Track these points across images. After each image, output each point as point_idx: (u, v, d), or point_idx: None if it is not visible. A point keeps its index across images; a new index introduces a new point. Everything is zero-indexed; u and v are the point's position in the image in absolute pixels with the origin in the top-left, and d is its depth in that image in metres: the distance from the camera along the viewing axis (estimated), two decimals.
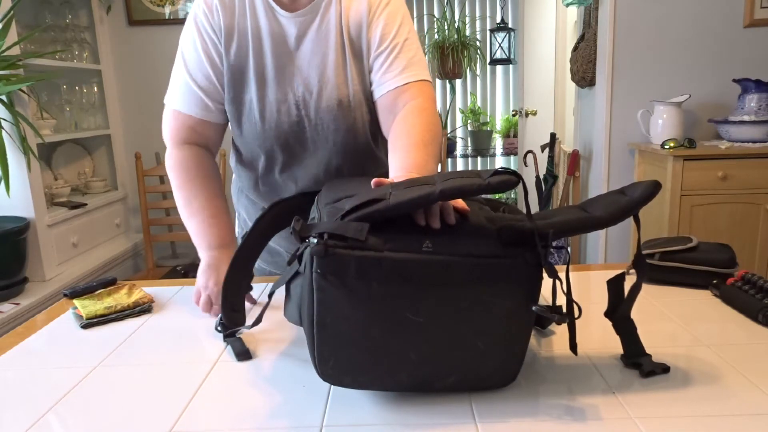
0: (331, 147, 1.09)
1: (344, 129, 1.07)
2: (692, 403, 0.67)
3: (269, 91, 1.05)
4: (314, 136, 1.08)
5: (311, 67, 1.05)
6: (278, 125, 1.06)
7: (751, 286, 0.94)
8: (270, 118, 1.06)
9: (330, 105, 1.05)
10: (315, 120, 1.06)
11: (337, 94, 1.05)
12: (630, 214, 0.70)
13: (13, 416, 0.70)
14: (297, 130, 1.07)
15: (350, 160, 1.12)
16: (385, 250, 0.64)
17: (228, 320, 0.89)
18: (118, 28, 2.92)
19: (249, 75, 1.05)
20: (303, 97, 1.05)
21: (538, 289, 0.67)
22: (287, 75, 1.05)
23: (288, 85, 1.05)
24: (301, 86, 1.05)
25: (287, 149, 1.10)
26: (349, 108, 1.06)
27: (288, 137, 1.08)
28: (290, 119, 1.06)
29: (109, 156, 3.00)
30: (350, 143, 1.10)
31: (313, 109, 1.06)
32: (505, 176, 0.65)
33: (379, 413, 0.68)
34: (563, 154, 3.64)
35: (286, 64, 1.05)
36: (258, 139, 1.09)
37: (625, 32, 2.75)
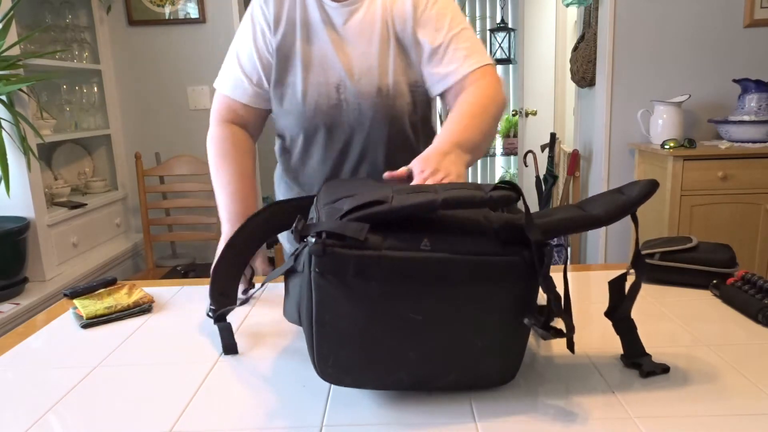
0: (368, 133, 1.12)
1: (382, 116, 1.11)
2: (692, 403, 0.67)
3: (312, 74, 1.10)
4: (352, 121, 1.12)
5: (354, 55, 1.10)
6: (318, 107, 1.11)
7: (751, 286, 0.94)
8: (310, 100, 1.10)
9: (369, 91, 1.09)
10: (353, 104, 1.10)
11: (377, 81, 1.09)
12: (628, 212, 0.70)
13: (13, 416, 0.70)
14: (335, 113, 1.11)
15: (387, 149, 1.14)
16: (383, 249, 0.64)
17: (216, 303, 0.91)
18: (118, 28, 2.92)
19: (294, 59, 1.11)
20: (343, 82, 1.10)
21: (537, 287, 0.67)
22: (330, 60, 1.10)
23: (330, 70, 1.10)
24: (343, 71, 1.10)
25: (325, 133, 1.13)
26: (388, 96, 1.10)
27: (326, 120, 1.12)
28: (329, 102, 1.10)
29: (109, 156, 3.00)
30: (388, 132, 1.13)
31: (352, 94, 1.10)
32: (506, 192, 0.66)
33: (379, 413, 0.68)
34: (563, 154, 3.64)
35: (330, 51, 1.10)
36: (298, 120, 1.13)
37: (625, 32, 2.75)
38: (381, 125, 1.11)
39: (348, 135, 1.13)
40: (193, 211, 2.96)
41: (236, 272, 0.96)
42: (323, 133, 1.14)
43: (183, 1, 2.87)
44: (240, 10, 2.90)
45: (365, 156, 1.14)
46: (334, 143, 1.14)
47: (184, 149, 3.03)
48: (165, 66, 2.95)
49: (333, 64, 1.10)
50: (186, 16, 2.89)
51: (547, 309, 0.67)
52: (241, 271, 0.97)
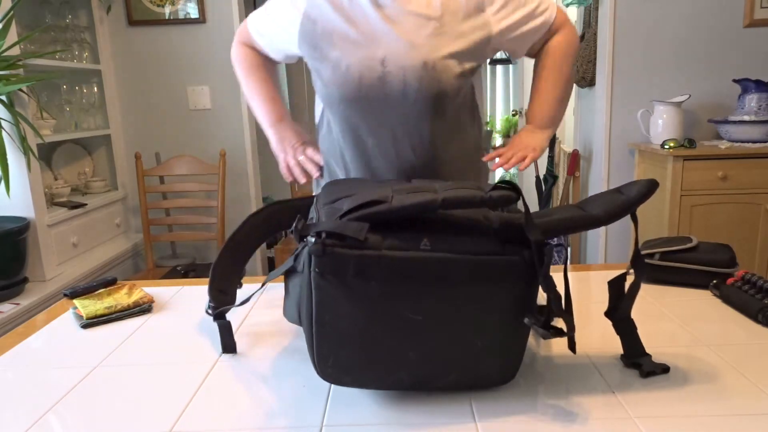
0: (412, 106, 1.11)
1: (427, 89, 1.09)
2: (692, 403, 0.67)
3: (356, 49, 1.10)
4: (396, 93, 1.10)
5: (401, 30, 1.09)
6: (361, 77, 1.09)
7: (750, 286, 0.94)
8: (355, 70, 1.09)
9: (414, 64, 1.08)
10: (398, 76, 1.09)
11: (422, 56, 1.08)
12: (627, 212, 0.70)
13: (13, 416, 0.70)
14: (379, 85, 1.09)
15: (431, 123, 1.13)
16: (383, 249, 0.64)
17: (215, 300, 0.91)
18: (118, 28, 2.92)
19: (336, 37, 1.11)
20: (388, 57, 1.09)
21: (537, 287, 0.67)
22: (376, 36, 1.10)
23: (375, 45, 1.10)
24: (389, 46, 1.09)
25: (368, 104, 1.12)
26: (434, 69, 1.09)
27: (371, 92, 1.10)
28: (373, 73, 1.09)
29: (109, 156, 3.00)
30: (433, 105, 1.12)
31: (396, 66, 1.09)
32: (506, 192, 0.67)
33: (379, 413, 0.68)
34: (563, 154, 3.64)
35: (377, 25, 1.10)
36: (341, 94, 1.12)
37: (625, 32, 2.75)
38: (426, 98, 1.10)
39: (392, 110, 1.12)
40: (193, 211, 2.96)
41: (235, 270, 0.96)
42: (366, 106, 1.12)
43: (183, 1, 2.87)
44: (240, 10, 2.90)
45: (409, 129, 1.13)
46: (377, 118, 1.13)
47: (184, 149, 3.04)
48: (165, 66, 2.95)
49: (378, 38, 1.10)
50: (186, 16, 2.88)
51: (547, 309, 0.67)
52: (241, 269, 0.98)
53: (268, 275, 0.75)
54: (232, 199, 3.06)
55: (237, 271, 0.97)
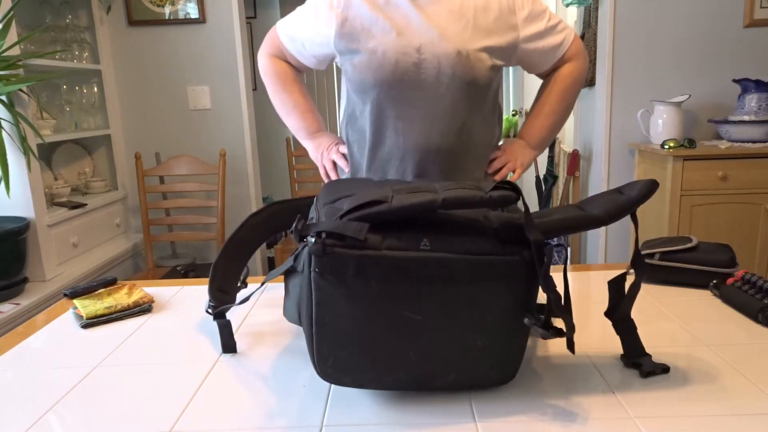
0: (444, 95, 1.14)
1: (461, 77, 1.13)
2: (692, 403, 0.67)
3: (393, 38, 1.12)
4: (431, 79, 1.13)
5: (437, 22, 1.13)
6: (397, 62, 1.12)
7: (750, 286, 0.94)
8: (392, 56, 1.12)
9: (448, 53, 1.12)
10: (433, 63, 1.12)
11: (456, 45, 1.12)
12: (627, 212, 0.70)
13: (13, 416, 0.70)
14: (414, 70, 1.12)
15: (464, 113, 1.16)
16: (383, 249, 0.64)
17: (215, 299, 0.91)
18: (118, 28, 2.92)
19: (373, 28, 1.14)
20: (424, 44, 1.12)
21: (536, 287, 0.67)
22: (413, 26, 1.13)
23: (411, 35, 1.13)
24: (424, 36, 1.12)
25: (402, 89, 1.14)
26: (468, 58, 1.12)
27: (406, 76, 1.13)
28: (409, 59, 1.12)
29: (109, 156, 3.00)
30: (467, 94, 1.15)
31: (431, 54, 1.12)
32: (506, 192, 0.67)
33: (379, 413, 0.68)
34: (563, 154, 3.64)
35: (413, 17, 1.13)
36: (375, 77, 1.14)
37: (625, 32, 2.75)
38: (459, 85, 1.14)
39: (425, 96, 1.14)
40: (193, 211, 2.96)
41: (236, 269, 0.96)
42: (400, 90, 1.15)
43: (183, 1, 2.87)
44: (240, 10, 2.90)
45: (440, 114, 1.15)
46: (409, 103, 1.15)
47: (184, 149, 3.04)
48: (165, 66, 2.95)
49: (414, 29, 1.13)
50: (186, 16, 2.88)
51: (547, 309, 0.67)
52: (241, 269, 0.98)
53: (268, 275, 0.75)
54: (232, 199, 3.06)
55: (237, 271, 0.97)
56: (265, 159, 4.50)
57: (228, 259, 0.95)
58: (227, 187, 3.03)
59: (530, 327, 0.67)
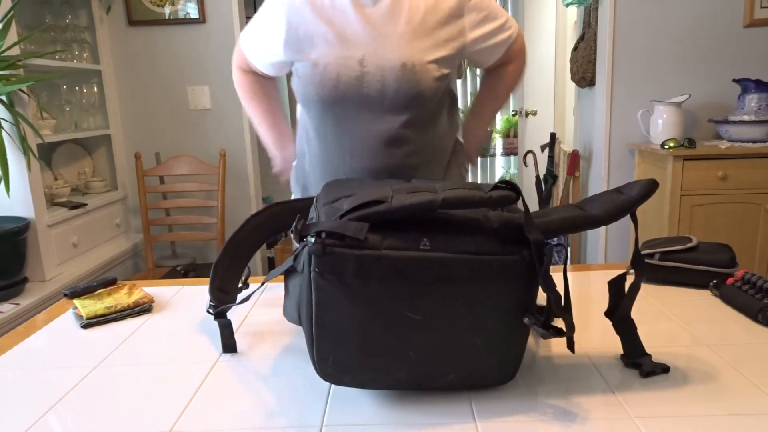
0: (389, 107, 1.11)
1: (406, 91, 1.10)
2: (692, 403, 0.67)
3: (336, 50, 1.10)
4: (374, 95, 1.10)
5: (380, 32, 1.10)
6: (339, 76, 1.09)
7: (750, 286, 0.94)
8: (333, 69, 1.09)
9: (393, 65, 1.09)
10: (377, 76, 1.09)
11: (400, 57, 1.09)
12: (627, 212, 0.70)
13: (13, 416, 0.70)
14: (356, 83, 1.10)
15: (408, 125, 1.13)
16: (383, 249, 0.64)
17: (215, 299, 0.91)
18: (118, 28, 2.92)
19: (321, 40, 1.11)
20: (367, 57, 1.10)
21: (536, 287, 0.67)
22: (356, 37, 1.10)
23: (354, 46, 1.10)
24: (368, 47, 1.10)
25: (344, 104, 1.12)
26: (413, 71, 1.09)
27: (347, 89, 1.10)
28: (351, 72, 1.09)
29: (109, 156, 3.00)
30: (412, 109, 1.12)
31: (375, 66, 1.09)
32: (506, 192, 0.67)
33: (379, 412, 0.68)
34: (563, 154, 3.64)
35: (357, 27, 1.11)
36: (318, 92, 1.12)
37: (625, 32, 2.75)
38: (404, 100, 1.11)
39: (368, 111, 1.12)
40: (193, 211, 2.96)
41: (236, 270, 0.96)
42: (342, 105, 1.12)
43: (183, 1, 2.87)
44: (240, 10, 2.90)
45: (385, 130, 1.13)
46: (353, 118, 1.13)
47: (184, 149, 3.04)
48: (165, 66, 2.95)
49: (358, 40, 1.10)
50: (186, 16, 2.88)
51: (546, 308, 0.67)
52: (242, 269, 0.98)
53: (268, 275, 0.75)
54: (232, 199, 3.06)
55: (238, 271, 0.97)
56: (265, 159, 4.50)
57: (228, 259, 0.95)
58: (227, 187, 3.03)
59: (530, 327, 0.67)
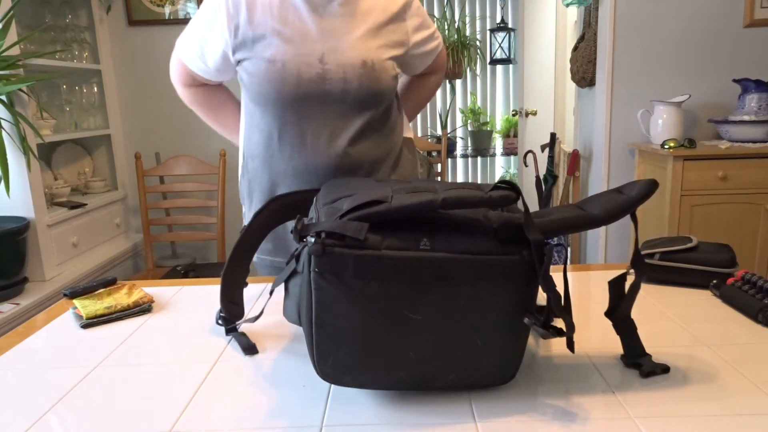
0: (351, 104, 1.12)
1: (368, 88, 1.11)
2: (692, 403, 0.67)
3: (293, 47, 1.09)
4: (336, 91, 1.11)
5: (337, 31, 1.11)
6: (300, 75, 1.09)
7: (750, 286, 0.94)
8: (293, 67, 1.09)
9: (353, 63, 1.10)
10: (338, 73, 1.10)
11: (360, 55, 1.11)
12: (627, 212, 0.70)
13: (13, 416, 0.70)
14: (318, 81, 1.10)
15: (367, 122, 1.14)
16: (383, 249, 0.64)
17: (228, 313, 0.90)
18: (118, 28, 2.92)
19: (271, 37, 1.10)
20: (327, 55, 1.10)
21: (536, 287, 0.67)
22: (312, 36, 1.10)
23: (311, 45, 1.10)
24: (326, 45, 1.10)
25: (306, 102, 1.11)
26: (374, 68, 1.11)
27: (308, 87, 1.10)
28: (311, 69, 1.09)
29: (109, 156, 3.00)
30: (372, 105, 1.14)
31: (336, 64, 1.10)
32: (506, 192, 0.67)
33: (379, 413, 0.68)
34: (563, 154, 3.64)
35: (312, 27, 1.11)
36: (277, 89, 1.10)
37: (625, 32, 2.75)
38: (365, 96, 1.12)
39: (331, 107, 1.12)
40: (193, 211, 2.96)
41: (241, 276, 0.95)
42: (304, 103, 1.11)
43: (183, 1, 2.87)
44: None
45: (346, 128, 1.13)
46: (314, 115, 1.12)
47: (184, 149, 3.04)
48: (165, 66, 2.95)
49: (314, 39, 1.10)
50: (186, 16, 2.88)
51: (546, 308, 0.67)
52: (246, 273, 0.96)
53: (274, 282, 0.75)
54: (232, 199, 3.06)
55: (243, 276, 0.96)
56: None
57: (235, 268, 0.93)
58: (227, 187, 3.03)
59: (530, 327, 0.67)
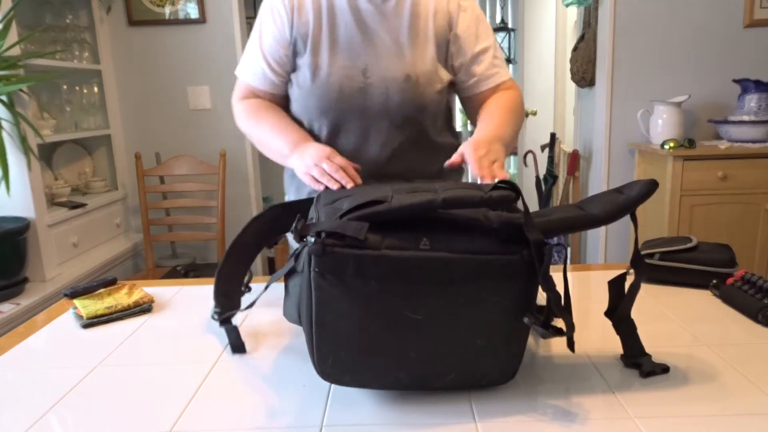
0: (392, 119, 1.10)
1: (409, 103, 1.09)
2: (692, 403, 0.67)
3: (338, 57, 1.08)
4: (377, 106, 1.09)
5: (381, 41, 1.09)
6: (342, 89, 1.08)
7: (750, 286, 0.94)
8: (335, 81, 1.08)
9: (396, 77, 1.08)
10: (380, 88, 1.08)
11: (405, 68, 1.08)
12: (627, 212, 0.70)
13: (13, 416, 0.70)
14: (360, 96, 1.08)
15: (409, 138, 1.11)
16: (382, 248, 0.64)
17: (221, 306, 0.90)
18: (118, 28, 2.91)
19: (319, 43, 1.09)
20: (370, 67, 1.08)
21: (536, 286, 0.67)
22: (357, 45, 1.09)
23: (357, 54, 1.09)
24: (371, 56, 1.08)
25: (348, 116, 1.10)
26: (417, 83, 1.08)
27: (351, 103, 1.09)
28: (354, 84, 1.08)
29: (109, 156, 2.99)
30: (414, 121, 1.11)
31: (378, 78, 1.08)
32: (505, 192, 0.67)
33: (379, 413, 0.68)
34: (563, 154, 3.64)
35: (357, 35, 1.09)
36: (321, 103, 1.10)
37: (625, 32, 2.75)
38: (408, 113, 1.09)
39: (372, 121, 1.10)
40: (193, 211, 2.96)
41: (239, 274, 0.96)
42: (346, 117, 1.11)
43: (183, 1, 2.87)
44: (240, 10, 2.90)
45: (386, 143, 1.11)
46: (355, 128, 1.11)
47: (184, 149, 3.03)
48: (165, 66, 2.95)
49: (359, 49, 1.08)
50: (186, 16, 2.88)
51: (546, 308, 0.67)
52: (244, 273, 0.97)
53: (271, 278, 0.75)
54: (232, 199, 3.06)
55: (240, 275, 0.96)
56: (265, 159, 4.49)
57: (231, 265, 0.94)
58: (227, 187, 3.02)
59: (530, 326, 0.67)
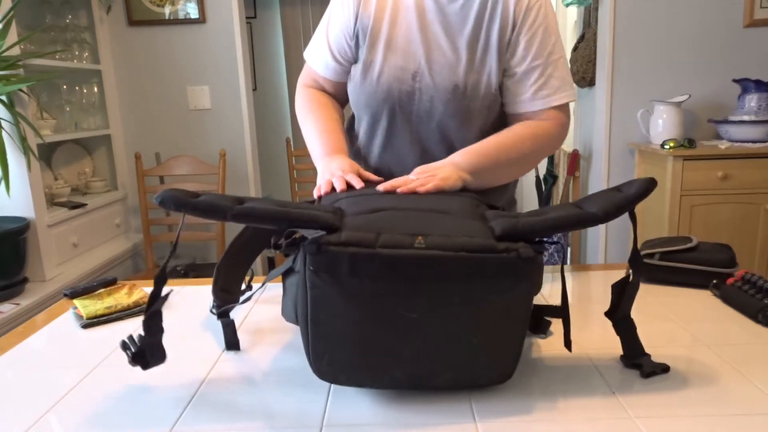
0: (435, 129, 1.09)
1: (453, 114, 1.07)
2: (692, 403, 0.67)
3: (392, 57, 1.07)
4: (421, 112, 1.08)
5: (438, 45, 1.06)
6: (390, 90, 1.08)
7: (750, 286, 0.94)
8: (384, 81, 1.08)
9: (445, 86, 1.05)
10: (427, 95, 1.07)
11: (455, 78, 1.05)
12: (625, 210, 0.70)
13: (13, 416, 0.70)
14: (407, 100, 1.08)
15: (452, 150, 1.07)
16: (377, 247, 0.64)
17: (219, 299, 0.91)
18: (118, 28, 2.92)
19: (379, 40, 1.08)
20: (421, 71, 1.06)
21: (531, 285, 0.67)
22: (413, 46, 1.07)
23: (411, 55, 1.07)
24: (423, 60, 1.06)
25: (392, 118, 1.10)
26: (464, 95, 1.05)
27: (396, 105, 1.09)
28: (403, 87, 1.07)
29: (109, 156, 2.99)
30: (457, 131, 1.09)
31: (427, 85, 1.06)
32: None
33: (378, 412, 0.68)
34: (563, 154, 3.64)
35: (415, 36, 1.07)
36: (369, 100, 1.10)
37: (625, 32, 2.75)
38: (452, 123, 1.07)
39: (415, 126, 1.10)
40: None
41: (239, 271, 0.96)
42: (390, 118, 1.10)
43: (183, 1, 2.87)
44: (240, 10, 2.90)
45: (428, 151, 1.10)
46: (399, 131, 1.11)
47: (184, 149, 3.03)
48: (165, 66, 2.95)
49: (415, 50, 1.07)
50: (186, 16, 2.88)
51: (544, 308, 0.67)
52: (245, 270, 0.97)
53: (269, 274, 0.75)
54: None
55: (240, 273, 0.96)
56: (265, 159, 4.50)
57: (230, 262, 0.94)
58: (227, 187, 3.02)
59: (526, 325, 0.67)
